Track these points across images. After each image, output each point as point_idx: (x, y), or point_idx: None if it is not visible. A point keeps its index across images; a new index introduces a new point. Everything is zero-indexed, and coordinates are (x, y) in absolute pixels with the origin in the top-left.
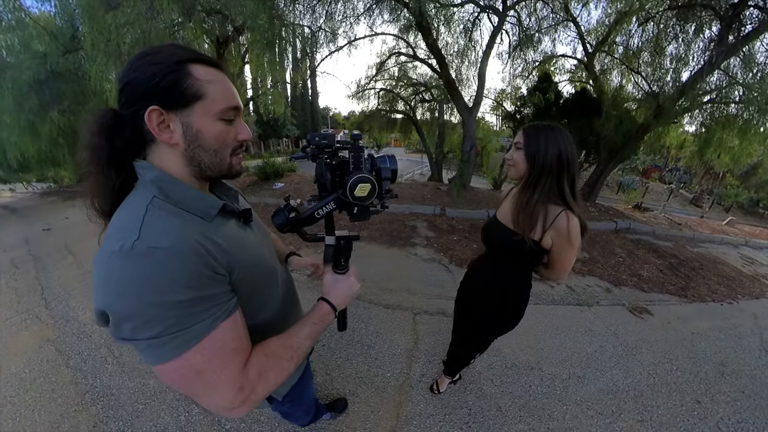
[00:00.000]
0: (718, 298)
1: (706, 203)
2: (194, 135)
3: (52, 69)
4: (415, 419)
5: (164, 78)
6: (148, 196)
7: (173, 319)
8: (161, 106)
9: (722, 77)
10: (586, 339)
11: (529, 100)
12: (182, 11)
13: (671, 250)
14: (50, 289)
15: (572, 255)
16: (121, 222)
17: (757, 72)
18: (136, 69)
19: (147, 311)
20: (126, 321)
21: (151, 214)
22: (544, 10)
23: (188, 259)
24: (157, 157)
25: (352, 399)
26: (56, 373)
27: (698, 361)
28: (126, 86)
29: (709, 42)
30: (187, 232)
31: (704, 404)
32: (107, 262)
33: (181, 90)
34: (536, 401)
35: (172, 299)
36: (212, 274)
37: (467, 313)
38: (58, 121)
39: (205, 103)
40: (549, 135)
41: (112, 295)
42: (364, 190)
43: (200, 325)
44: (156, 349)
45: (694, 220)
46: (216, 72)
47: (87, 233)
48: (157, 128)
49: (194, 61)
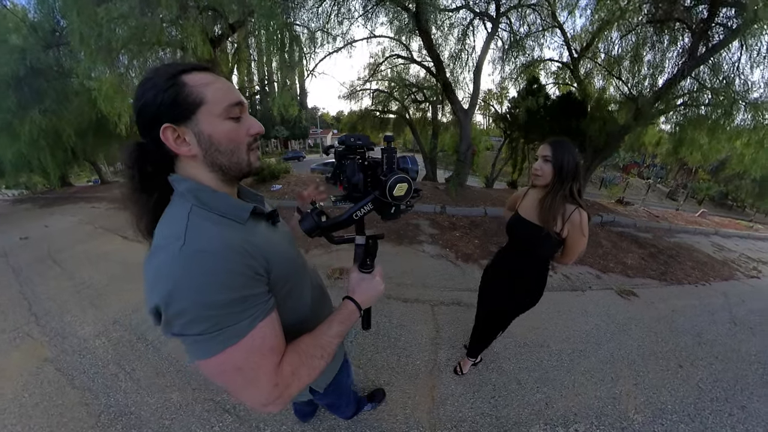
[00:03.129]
0: (692, 281)
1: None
2: (208, 140)
3: (31, 65)
4: (449, 399)
5: (164, 95)
6: (187, 205)
7: (218, 318)
8: (172, 123)
9: (693, 83)
10: (583, 319)
11: (522, 103)
12: (178, 6)
13: (651, 240)
14: (39, 304)
15: (583, 242)
16: (166, 230)
17: (723, 79)
18: (141, 97)
19: (194, 310)
20: (176, 318)
21: (193, 221)
22: (533, 16)
23: (231, 261)
24: (184, 171)
25: (388, 389)
26: (61, 395)
27: (679, 334)
28: (139, 116)
29: (682, 51)
30: (228, 236)
31: (686, 368)
32: (156, 266)
33: (182, 100)
34: (548, 374)
35: (217, 299)
36: (253, 275)
37: (494, 297)
38: (39, 122)
39: (208, 107)
40: (569, 149)
41: (163, 295)
42: (402, 190)
43: (242, 324)
44: (201, 345)
45: (670, 212)
46: (209, 75)
47: (72, 242)
48: (174, 144)
49: (186, 72)
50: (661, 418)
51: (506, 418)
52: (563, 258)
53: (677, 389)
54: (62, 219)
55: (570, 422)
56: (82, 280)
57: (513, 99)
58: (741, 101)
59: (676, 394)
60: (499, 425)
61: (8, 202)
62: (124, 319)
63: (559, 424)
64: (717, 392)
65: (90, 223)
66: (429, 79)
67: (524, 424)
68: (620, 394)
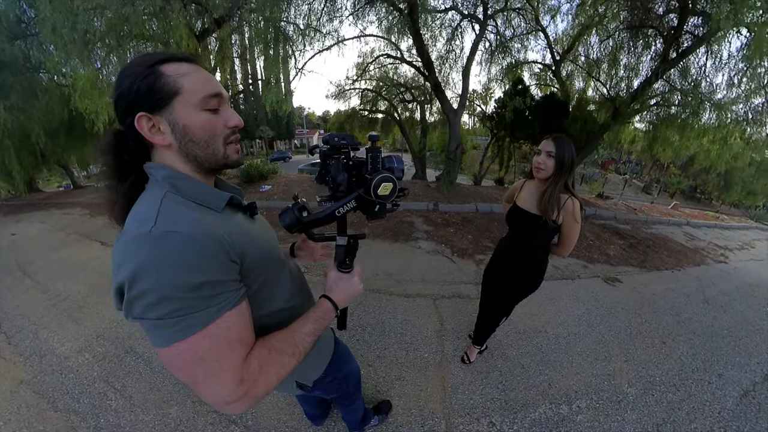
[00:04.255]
0: (669, 267)
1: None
2: (182, 131)
3: None
4: (460, 388)
5: (141, 84)
6: (161, 192)
7: (182, 302)
8: (146, 111)
9: (665, 85)
10: (575, 305)
11: (509, 103)
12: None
13: (630, 231)
14: (10, 321)
15: (577, 228)
16: (138, 214)
17: (691, 81)
18: (118, 85)
19: (158, 291)
20: (138, 299)
21: (166, 205)
22: (518, 20)
23: (202, 243)
24: (160, 160)
25: (400, 383)
26: (42, 420)
27: (660, 314)
28: (116, 103)
29: (655, 56)
30: (202, 221)
31: (669, 344)
32: (124, 246)
33: (158, 90)
34: (548, 357)
35: (184, 282)
36: (225, 259)
37: (498, 285)
38: (3, 120)
39: (184, 97)
40: (569, 145)
41: (128, 272)
42: (387, 189)
43: (207, 311)
44: (162, 330)
45: (646, 205)
46: (188, 65)
47: (44, 251)
48: (149, 132)
49: (164, 62)
50: (651, 390)
51: (515, 400)
52: (560, 248)
53: (663, 363)
54: (30, 227)
55: (572, 399)
56: (58, 292)
57: (499, 99)
58: (707, 102)
59: (662, 367)
60: (509, 408)
61: None
62: (108, 332)
63: (563, 402)
64: (697, 363)
65: (63, 229)
66: (417, 79)
67: (531, 405)
68: (614, 371)
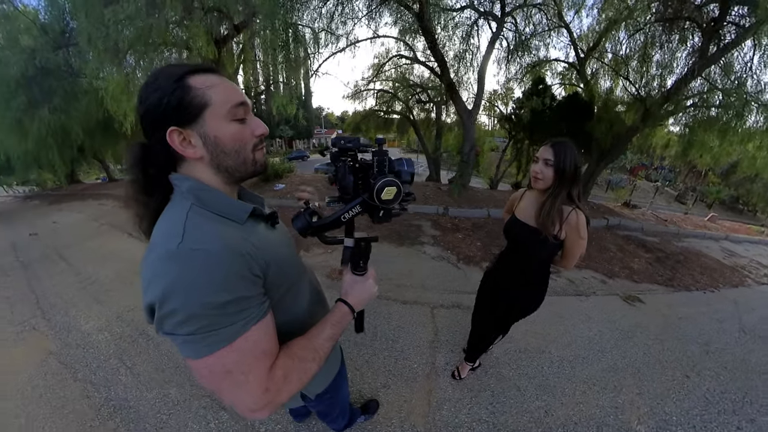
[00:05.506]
0: (701, 287)
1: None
2: (214, 142)
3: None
4: (446, 404)
5: (170, 98)
6: (187, 204)
7: (211, 318)
8: (178, 125)
9: (704, 84)
10: (587, 325)
11: (527, 104)
12: (182, 7)
13: (658, 244)
14: (46, 298)
15: (581, 245)
16: (165, 228)
17: (734, 79)
18: (145, 99)
19: (187, 310)
20: (168, 317)
21: (192, 220)
22: (539, 16)
23: (228, 261)
24: (188, 171)
25: (385, 391)
26: (64, 387)
27: (685, 342)
28: (143, 118)
29: (692, 51)
30: (226, 235)
31: (692, 378)
32: (154, 263)
33: (187, 104)
34: (549, 381)
35: (212, 300)
36: (250, 276)
37: (494, 300)
38: (48, 120)
39: (213, 109)
40: (570, 151)
41: (159, 293)
42: (391, 194)
43: (234, 326)
44: (192, 345)
45: (678, 216)
46: (213, 77)
47: (79, 238)
48: (180, 146)
49: (190, 74)
50: (665, 430)
51: (504, 425)
52: (563, 262)
53: (683, 400)
54: (70, 216)
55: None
56: (88, 275)
57: (518, 100)
58: (753, 102)
59: (681, 405)
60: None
61: (19, 199)
62: (127, 315)
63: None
64: (725, 404)
65: (97, 219)
66: (433, 79)
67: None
68: (623, 404)
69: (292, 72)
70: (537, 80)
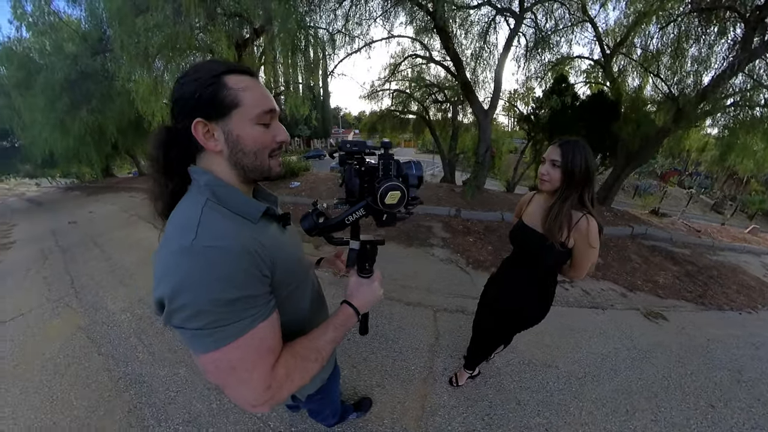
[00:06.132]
0: (736, 307)
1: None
2: (235, 141)
3: (82, 70)
4: (440, 410)
5: (204, 91)
6: (202, 199)
7: (219, 314)
8: (205, 118)
9: (746, 80)
10: (601, 341)
11: (546, 103)
12: (206, 15)
13: (689, 257)
14: (79, 279)
15: (592, 254)
16: (180, 221)
17: None
18: (182, 86)
19: (197, 305)
20: (177, 312)
21: (207, 216)
22: (561, 10)
23: (239, 258)
24: (206, 163)
25: (379, 391)
26: (89, 359)
27: (713, 368)
28: (176, 103)
29: (732, 44)
30: (239, 234)
31: (718, 409)
32: (167, 258)
33: (220, 100)
34: (553, 397)
35: (222, 296)
36: (259, 274)
37: (496, 309)
38: (86, 120)
39: (242, 110)
40: (581, 151)
41: (169, 287)
42: (394, 198)
43: (241, 323)
44: (200, 339)
45: (714, 227)
46: (249, 79)
47: (111, 227)
48: (203, 137)
49: (229, 72)
50: None
51: None
52: (572, 272)
53: (705, 431)
54: (104, 206)
55: None
56: (116, 261)
57: (537, 99)
58: None
59: None
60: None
61: (61, 190)
62: (148, 298)
63: None
64: None
65: (127, 211)
66: (450, 78)
67: None
68: (635, 430)
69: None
70: (559, 78)
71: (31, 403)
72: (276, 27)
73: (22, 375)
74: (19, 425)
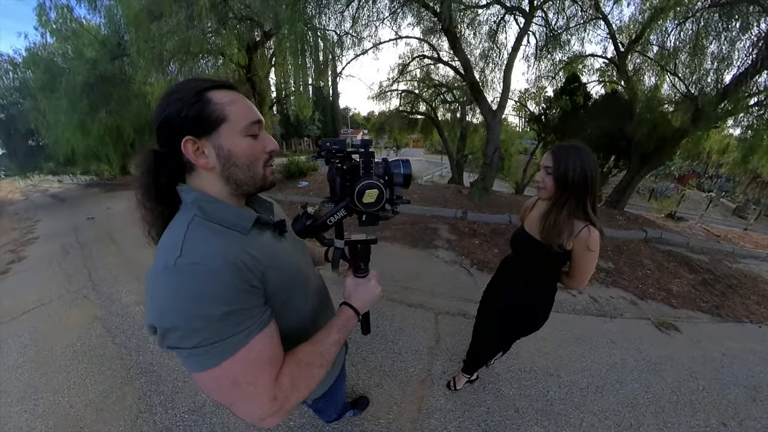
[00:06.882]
0: (756, 320)
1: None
2: (226, 155)
3: (101, 74)
4: (436, 413)
5: (190, 110)
6: (189, 215)
7: (211, 331)
8: (194, 136)
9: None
10: (607, 350)
11: (556, 103)
12: (217, 19)
13: (706, 264)
14: (97, 273)
15: (591, 258)
16: (166, 242)
17: None
18: (165, 108)
19: (187, 324)
20: (169, 332)
21: (192, 232)
22: (573, 8)
23: (226, 273)
24: (197, 181)
25: (377, 390)
26: (104, 347)
27: (727, 384)
28: (161, 126)
29: (757, 40)
30: (225, 248)
31: (731, 427)
32: (154, 280)
33: (206, 116)
34: (553, 406)
35: (210, 313)
36: (248, 287)
37: (494, 313)
38: (105, 121)
39: (230, 124)
40: (576, 157)
41: (158, 310)
42: (372, 197)
43: (236, 337)
44: (196, 358)
45: (735, 232)
46: (233, 93)
47: (127, 224)
48: (194, 155)
49: (212, 88)
50: None
51: None
52: (572, 280)
53: None
54: (121, 203)
55: None
56: (131, 256)
57: (548, 99)
58: None
59: None
60: None
61: (81, 187)
62: None
63: None
64: None
65: None
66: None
67: None
68: None
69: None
70: (570, 78)
71: (52, 386)
72: (285, 30)
73: (44, 360)
74: (39, 406)
